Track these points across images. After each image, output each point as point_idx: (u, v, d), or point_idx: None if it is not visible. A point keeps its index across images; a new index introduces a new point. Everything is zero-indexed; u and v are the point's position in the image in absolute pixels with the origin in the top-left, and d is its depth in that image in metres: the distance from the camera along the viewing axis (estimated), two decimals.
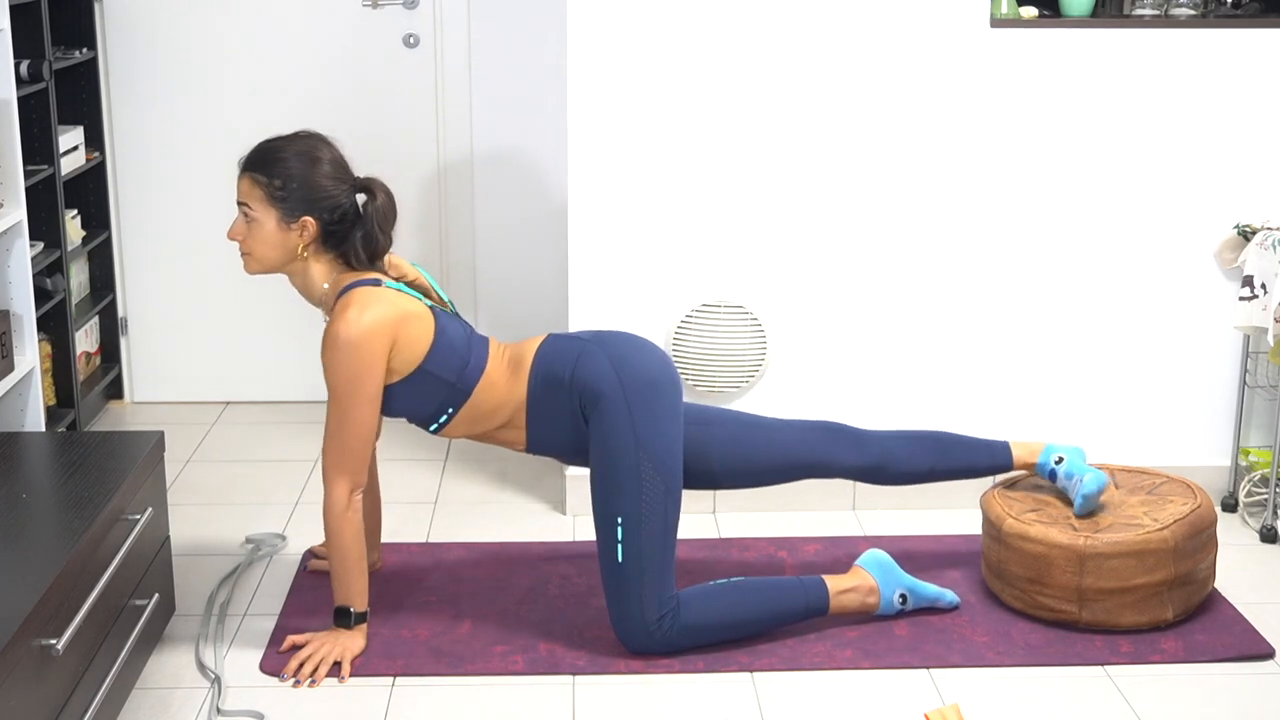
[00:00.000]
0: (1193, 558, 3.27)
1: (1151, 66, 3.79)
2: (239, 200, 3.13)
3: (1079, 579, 3.22)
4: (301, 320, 4.74)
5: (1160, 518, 3.28)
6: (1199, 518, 3.29)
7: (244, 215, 3.13)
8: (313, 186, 3.10)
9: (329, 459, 3.11)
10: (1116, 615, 3.24)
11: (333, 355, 3.06)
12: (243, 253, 3.16)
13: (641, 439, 3.12)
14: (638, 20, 3.70)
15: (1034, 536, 3.27)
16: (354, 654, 3.14)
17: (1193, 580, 3.29)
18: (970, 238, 3.88)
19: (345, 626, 3.17)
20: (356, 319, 3.04)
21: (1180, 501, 3.35)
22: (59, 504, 2.83)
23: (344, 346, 3.04)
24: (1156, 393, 4.00)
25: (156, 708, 2.97)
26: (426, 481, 4.04)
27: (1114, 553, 3.20)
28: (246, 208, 3.12)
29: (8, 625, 2.30)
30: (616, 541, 3.13)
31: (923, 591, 3.36)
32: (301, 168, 3.10)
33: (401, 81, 4.64)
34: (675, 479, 3.15)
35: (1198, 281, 3.93)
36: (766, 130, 3.78)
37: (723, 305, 3.88)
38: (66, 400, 4.20)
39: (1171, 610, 3.26)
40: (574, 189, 3.82)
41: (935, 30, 3.74)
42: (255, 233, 3.12)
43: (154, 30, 4.56)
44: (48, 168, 4.04)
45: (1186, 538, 3.24)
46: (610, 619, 3.18)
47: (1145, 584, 3.22)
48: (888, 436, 3.47)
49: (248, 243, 3.14)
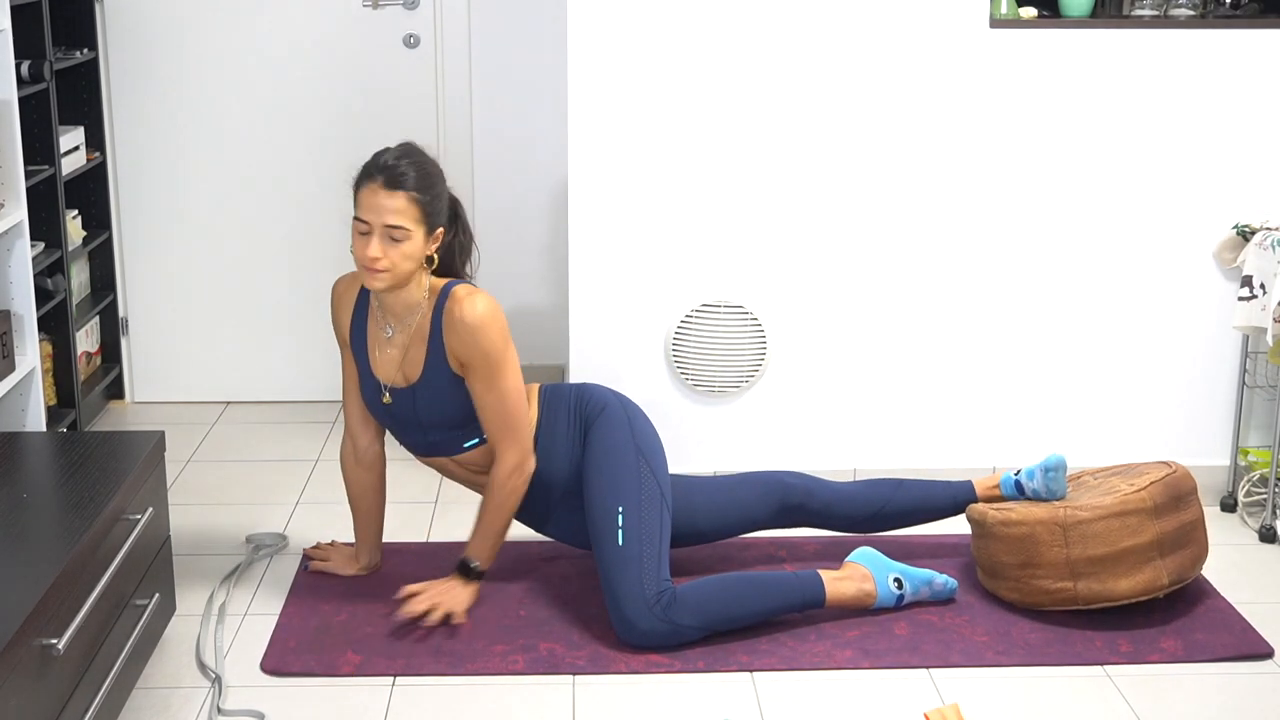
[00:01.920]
0: (1175, 515, 3.31)
1: (1151, 67, 3.79)
2: (390, 223, 3.09)
3: (1066, 550, 3.26)
4: (301, 320, 4.75)
5: (1137, 483, 3.36)
6: (1175, 480, 3.36)
7: (390, 235, 3.10)
8: (444, 199, 3.22)
9: (503, 432, 3.25)
10: (1111, 583, 3.26)
11: (484, 332, 3.17)
12: (379, 270, 3.11)
13: (641, 449, 3.30)
14: (638, 21, 3.71)
15: (1016, 519, 3.33)
16: (465, 606, 3.28)
17: (1182, 544, 3.32)
18: (970, 238, 3.88)
19: (465, 579, 3.30)
20: (484, 297, 3.20)
21: (1156, 471, 3.42)
22: (60, 504, 2.83)
23: (490, 319, 3.18)
24: (1156, 393, 4.00)
25: (156, 708, 2.97)
26: (426, 481, 4.04)
27: (1095, 517, 3.26)
28: (399, 229, 3.10)
29: (8, 625, 2.31)
30: (617, 528, 3.21)
31: (915, 574, 3.40)
32: (439, 181, 3.21)
33: (401, 81, 4.64)
34: (668, 494, 3.31)
35: (1197, 281, 3.93)
36: (766, 130, 3.78)
37: (723, 305, 3.88)
38: (67, 400, 4.20)
39: (1166, 576, 3.29)
40: (574, 189, 3.82)
41: (935, 30, 3.74)
42: (403, 250, 3.12)
43: (154, 30, 4.56)
44: (48, 168, 4.04)
45: (1165, 497, 3.31)
46: (609, 606, 3.21)
47: (1133, 546, 3.26)
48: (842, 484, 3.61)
49: (390, 259, 3.11)
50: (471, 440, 3.33)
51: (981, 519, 3.42)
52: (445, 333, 3.20)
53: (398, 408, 3.30)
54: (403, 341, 3.26)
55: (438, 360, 3.23)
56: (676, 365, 3.92)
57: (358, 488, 3.48)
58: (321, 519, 3.89)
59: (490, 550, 3.33)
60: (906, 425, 4.00)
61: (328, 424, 4.61)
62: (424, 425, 3.31)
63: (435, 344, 3.22)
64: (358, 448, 3.45)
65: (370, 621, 3.30)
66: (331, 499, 4.00)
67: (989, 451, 4.00)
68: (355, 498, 3.49)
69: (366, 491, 3.48)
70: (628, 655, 3.17)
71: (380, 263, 3.11)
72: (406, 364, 3.26)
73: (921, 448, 4.01)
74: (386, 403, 3.31)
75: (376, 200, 3.11)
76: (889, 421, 4.00)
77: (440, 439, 3.33)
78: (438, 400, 3.26)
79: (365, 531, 3.52)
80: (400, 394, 3.29)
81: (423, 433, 3.33)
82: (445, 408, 3.27)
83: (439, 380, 3.24)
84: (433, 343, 3.23)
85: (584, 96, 3.75)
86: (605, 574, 3.21)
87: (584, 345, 3.92)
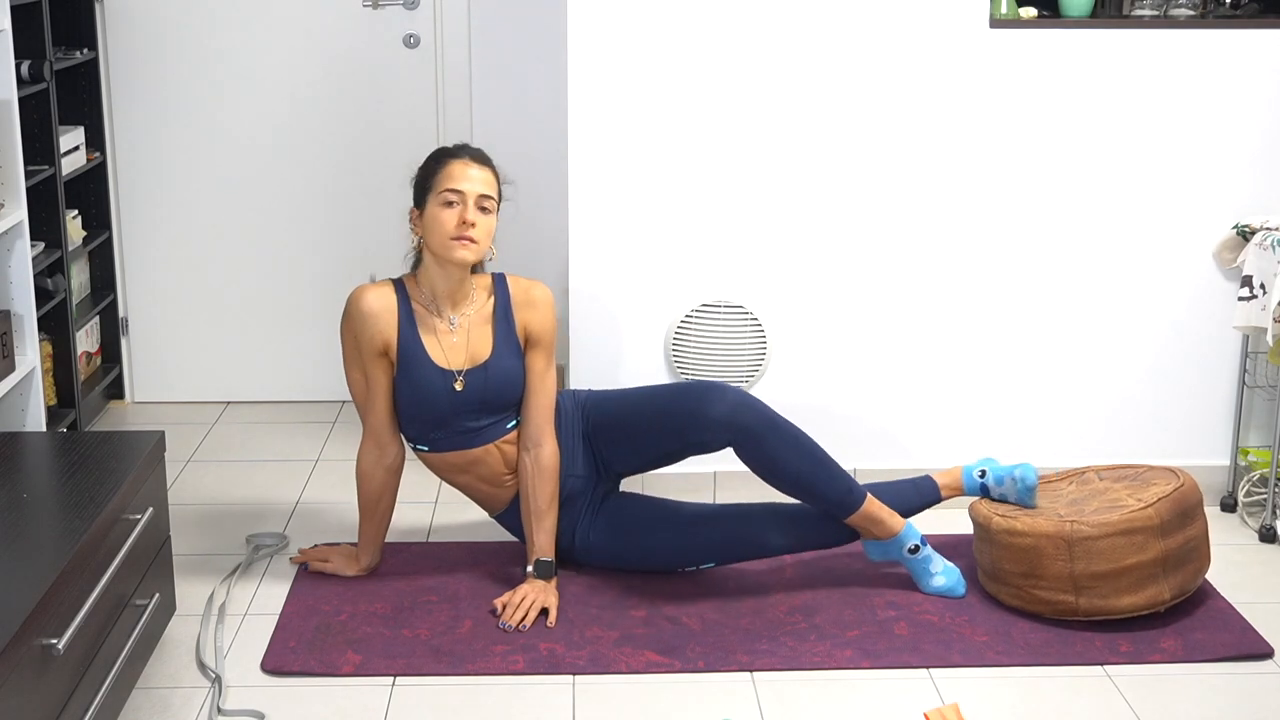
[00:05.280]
0: (1181, 533, 3.28)
1: (1151, 67, 3.79)
2: (485, 194, 3.33)
3: (1070, 565, 3.24)
4: (301, 320, 4.75)
5: (1144, 497, 3.32)
6: (1182, 495, 3.32)
7: (481, 205, 3.33)
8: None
9: (549, 416, 3.45)
10: (1114, 599, 3.25)
11: (552, 308, 3.46)
12: (469, 240, 3.31)
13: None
14: (638, 21, 3.71)
15: (1021, 530, 3.30)
16: (556, 602, 3.34)
17: (1186, 560, 3.30)
18: (969, 237, 3.88)
19: (545, 578, 3.38)
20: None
21: (1164, 483, 3.38)
22: (60, 504, 2.83)
23: (554, 303, 3.47)
24: (1156, 392, 4.00)
25: (156, 708, 2.97)
26: (426, 481, 4.04)
27: (1101, 534, 3.23)
28: (489, 198, 3.34)
29: (9, 625, 2.31)
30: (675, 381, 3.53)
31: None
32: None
33: (401, 81, 4.64)
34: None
35: (1197, 281, 3.93)
36: (766, 130, 3.78)
37: (723, 305, 3.89)
38: (67, 400, 4.20)
39: (1168, 591, 3.27)
40: (574, 189, 3.82)
41: (935, 30, 3.74)
42: (488, 224, 3.35)
43: (154, 30, 4.56)
44: (48, 168, 4.04)
45: (1172, 513, 3.27)
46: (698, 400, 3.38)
47: (1137, 563, 3.23)
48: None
49: (480, 230, 3.33)
50: (511, 421, 3.46)
51: (986, 524, 3.39)
52: (520, 309, 3.43)
53: (470, 390, 3.39)
54: (465, 324, 3.40)
55: (508, 337, 3.42)
56: (676, 365, 3.92)
57: (378, 491, 3.49)
58: (321, 519, 3.89)
59: (554, 543, 3.44)
60: (906, 425, 4.00)
61: (328, 424, 4.61)
62: (488, 404, 3.41)
63: (504, 323, 3.42)
64: (385, 453, 3.47)
65: (370, 621, 3.30)
66: (332, 499, 4.00)
67: (988, 452, 4.00)
68: (373, 501, 3.50)
69: (385, 494, 3.50)
70: (628, 655, 3.18)
71: (474, 230, 3.29)
72: (473, 345, 3.40)
73: (921, 448, 4.01)
74: (459, 389, 3.38)
75: (469, 171, 3.34)
76: (889, 421, 4.00)
77: (494, 421, 3.44)
78: (509, 375, 3.42)
79: (373, 532, 3.53)
80: (473, 374, 3.39)
81: (480, 415, 3.42)
82: (515, 381, 3.43)
83: (509, 356, 3.42)
84: (500, 323, 3.42)
85: (584, 96, 3.75)
86: (677, 389, 3.46)
87: (584, 345, 3.92)
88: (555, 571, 3.41)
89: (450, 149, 3.41)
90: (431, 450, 3.48)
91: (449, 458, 3.47)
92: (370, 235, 4.68)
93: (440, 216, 3.31)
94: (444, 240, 3.31)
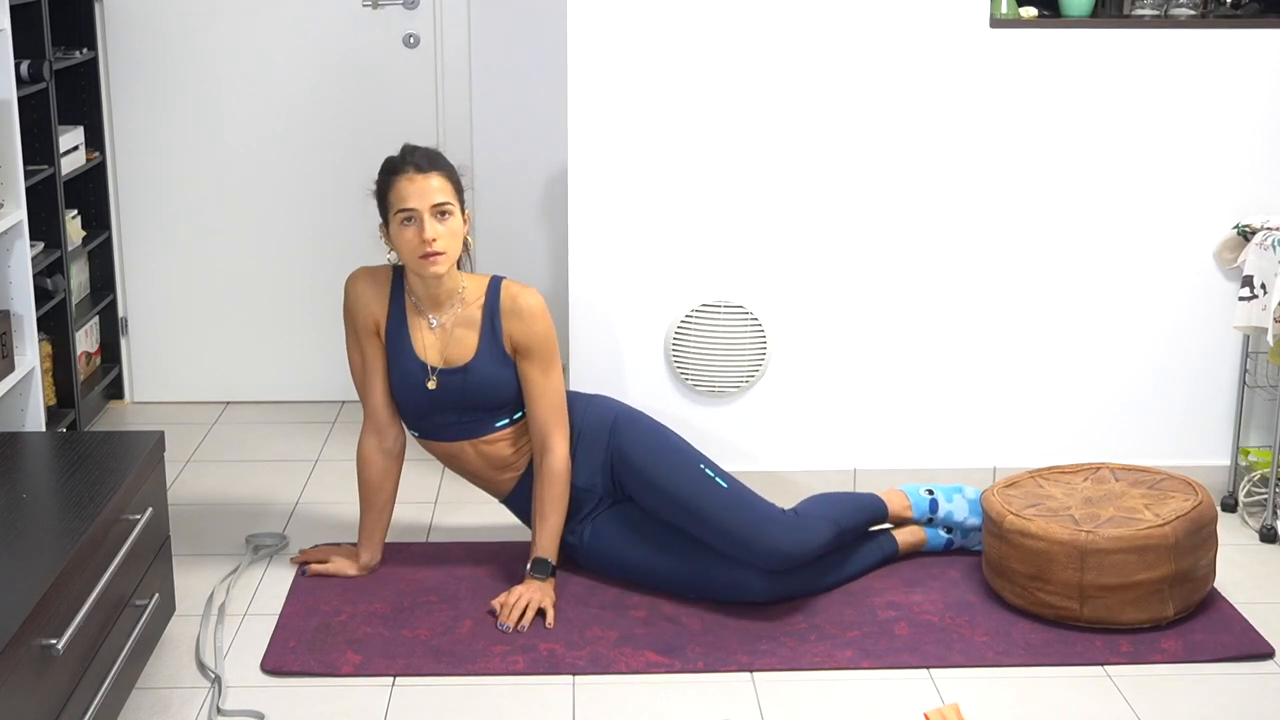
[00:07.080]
0: (1193, 554, 3.27)
1: (1151, 67, 3.79)
2: (439, 202, 3.26)
3: (1080, 575, 3.23)
4: (302, 320, 4.75)
5: (1162, 513, 3.29)
6: (1200, 514, 3.29)
7: (440, 215, 3.27)
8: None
9: (556, 420, 3.41)
10: (1117, 612, 3.24)
11: (544, 319, 3.39)
12: (436, 253, 3.26)
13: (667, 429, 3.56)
14: (638, 21, 3.70)
15: (1035, 533, 3.28)
16: (553, 601, 3.33)
17: (1193, 578, 3.29)
18: (969, 237, 3.88)
19: (543, 578, 3.36)
20: (535, 290, 3.41)
21: (1181, 498, 3.36)
22: (59, 504, 2.83)
23: (545, 310, 3.41)
24: (1156, 393, 4.00)
25: (156, 708, 2.97)
26: (427, 481, 4.04)
27: (1115, 548, 3.21)
28: (446, 204, 3.27)
29: (8, 625, 2.30)
30: (710, 479, 3.37)
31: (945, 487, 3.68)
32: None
33: (401, 81, 4.64)
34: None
35: (1197, 281, 3.93)
36: (766, 130, 3.78)
37: (723, 305, 3.88)
38: (67, 400, 4.20)
39: (1172, 607, 3.26)
40: (574, 189, 3.82)
41: (935, 30, 3.74)
42: (451, 227, 3.29)
43: (154, 30, 4.56)
44: (48, 168, 4.04)
45: (1188, 534, 3.25)
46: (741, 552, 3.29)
47: (1146, 580, 3.22)
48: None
49: (445, 240, 3.28)
50: (502, 421, 3.45)
51: (1000, 519, 3.36)
52: (506, 318, 3.38)
53: (445, 390, 3.39)
54: (447, 325, 3.39)
55: (492, 344, 3.39)
56: (676, 365, 3.92)
57: (379, 478, 3.51)
58: (321, 519, 3.89)
59: (557, 545, 3.42)
60: (906, 425, 4.00)
61: (328, 424, 4.61)
62: (467, 406, 3.41)
63: (489, 329, 3.39)
64: (384, 438, 3.49)
65: (370, 621, 3.30)
66: (332, 499, 4.00)
67: (989, 451, 4.00)
68: (374, 490, 3.51)
69: (386, 481, 3.51)
70: (628, 655, 3.17)
71: (438, 243, 3.25)
72: (452, 347, 3.39)
73: (921, 448, 4.01)
74: (432, 387, 3.38)
75: (416, 185, 3.27)
76: (889, 421, 4.00)
77: (475, 419, 3.43)
78: (489, 381, 3.39)
79: (373, 526, 3.53)
80: (447, 375, 3.38)
81: (459, 414, 3.42)
82: (497, 387, 3.40)
83: (492, 362, 3.39)
84: (486, 328, 3.39)
85: (584, 96, 3.75)
86: (724, 522, 3.31)
87: (584, 345, 3.92)
88: (554, 572, 3.40)
89: (396, 161, 3.33)
90: (421, 436, 3.52)
91: (435, 446, 3.52)
92: (370, 235, 4.65)
93: (403, 236, 3.29)
94: (413, 259, 3.30)
